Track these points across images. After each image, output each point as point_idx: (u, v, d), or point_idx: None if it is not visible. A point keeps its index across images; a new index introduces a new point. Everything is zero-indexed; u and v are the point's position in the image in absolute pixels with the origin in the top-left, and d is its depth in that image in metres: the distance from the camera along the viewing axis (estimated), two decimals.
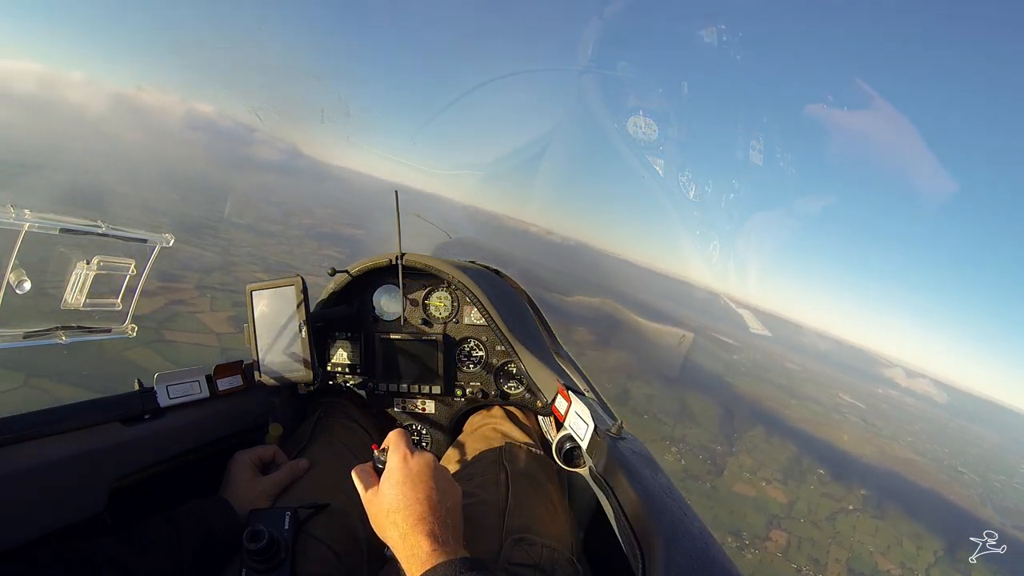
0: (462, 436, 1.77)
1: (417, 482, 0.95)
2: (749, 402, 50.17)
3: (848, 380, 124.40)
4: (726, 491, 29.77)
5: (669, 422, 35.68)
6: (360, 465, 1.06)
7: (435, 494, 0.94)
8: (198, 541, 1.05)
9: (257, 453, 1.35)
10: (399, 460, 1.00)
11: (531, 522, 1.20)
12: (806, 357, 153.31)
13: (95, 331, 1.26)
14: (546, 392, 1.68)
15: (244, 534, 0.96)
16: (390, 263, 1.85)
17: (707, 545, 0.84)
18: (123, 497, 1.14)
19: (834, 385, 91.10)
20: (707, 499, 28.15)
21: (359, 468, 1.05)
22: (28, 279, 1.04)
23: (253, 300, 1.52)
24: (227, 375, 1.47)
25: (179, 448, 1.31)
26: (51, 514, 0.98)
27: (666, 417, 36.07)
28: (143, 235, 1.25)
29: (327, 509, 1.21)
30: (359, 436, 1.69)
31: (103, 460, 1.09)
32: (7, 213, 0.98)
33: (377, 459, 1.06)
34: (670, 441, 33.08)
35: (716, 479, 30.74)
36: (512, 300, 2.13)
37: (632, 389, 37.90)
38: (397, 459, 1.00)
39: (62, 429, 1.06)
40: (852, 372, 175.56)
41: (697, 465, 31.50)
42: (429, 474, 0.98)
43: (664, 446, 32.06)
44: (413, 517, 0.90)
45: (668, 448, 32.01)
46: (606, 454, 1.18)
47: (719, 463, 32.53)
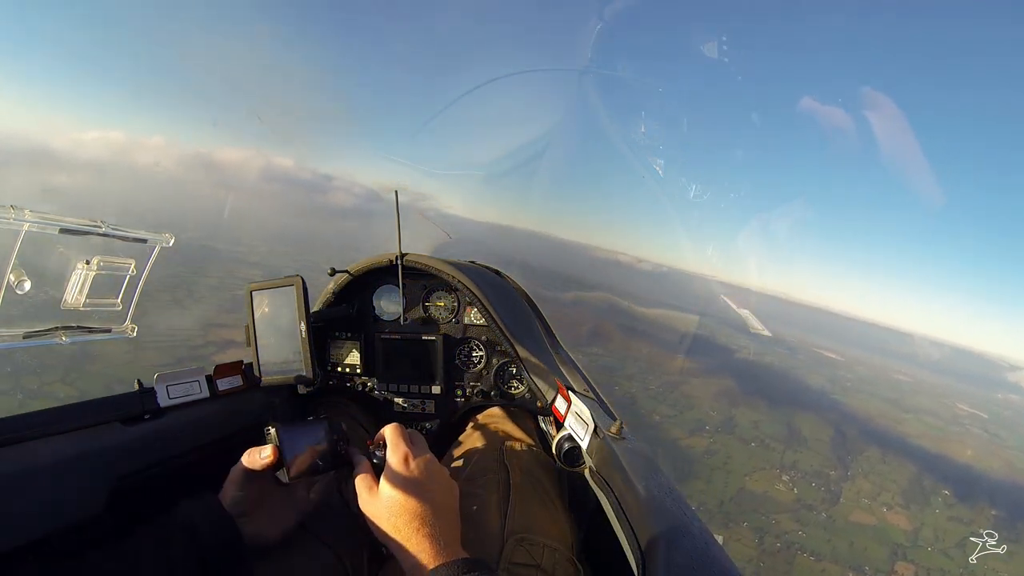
0: (462, 436, 1.77)
1: (418, 484, 0.95)
2: (860, 420, 47.73)
3: (965, 388, 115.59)
4: (843, 521, 27.55)
5: (778, 448, 33.81)
6: (360, 473, 1.04)
7: (436, 496, 0.94)
8: (185, 547, 1.03)
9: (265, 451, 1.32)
10: (399, 461, 0.98)
11: (532, 522, 1.20)
12: (916, 367, 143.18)
13: (95, 331, 1.26)
14: (546, 392, 1.68)
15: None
16: (390, 263, 1.85)
17: (707, 545, 0.84)
18: (123, 497, 1.14)
19: (950, 395, 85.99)
20: (823, 531, 25.80)
21: (361, 476, 1.04)
22: (28, 279, 1.04)
23: (253, 300, 1.52)
24: (227, 375, 1.47)
25: (179, 448, 1.30)
26: (51, 514, 0.98)
27: (775, 443, 34.19)
28: (143, 235, 1.25)
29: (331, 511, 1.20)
30: (362, 436, 1.69)
31: (103, 460, 1.09)
32: (7, 213, 0.98)
33: (372, 454, 1.05)
34: (780, 469, 31.08)
35: (832, 508, 28.51)
36: (512, 300, 2.13)
37: (737, 416, 36.07)
38: (397, 460, 0.99)
39: (62, 429, 1.06)
40: (969, 379, 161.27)
41: (811, 493, 29.35)
42: (429, 475, 0.97)
43: (774, 475, 30.15)
44: (416, 520, 0.90)
45: (779, 477, 30.07)
46: (606, 454, 1.18)
47: (834, 490, 30.42)
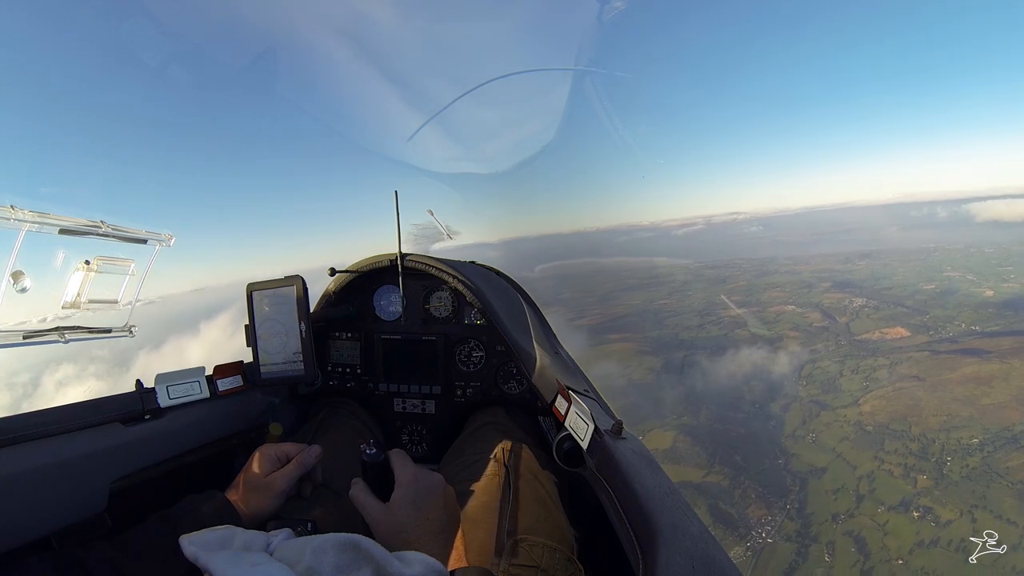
0: (462, 436, 1.77)
1: (428, 501, 1.00)
2: None
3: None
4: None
5: None
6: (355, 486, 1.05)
7: (443, 514, 1.00)
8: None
9: (284, 449, 1.28)
10: (411, 478, 1.02)
11: (532, 522, 1.20)
12: None
13: (95, 331, 1.26)
14: (546, 392, 1.68)
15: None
16: (390, 263, 1.85)
17: (707, 545, 0.84)
18: (123, 497, 1.14)
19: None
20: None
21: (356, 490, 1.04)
22: (28, 279, 1.04)
23: (253, 300, 1.52)
24: (227, 375, 1.47)
25: (179, 448, 1.30)
26: (51, 515, 0.98)
27: None
28: (143, 235, 1.25)
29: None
30: (364, 436, 1.69)
31: (103, 460, 1.09)
32: (7, 213, 0.98)
33: (363, 451, 1.05)
34: None
35: None
36: (512, 300, 2.13)
37: None
38: (409, 477, 1.03)
39: (62, 429, 1.06)
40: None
41: None
42: (440, 493, 1.03)
43: None
44: (426, 535, 0.95)
45: None
46: (606, 454, 1.18)
47: None
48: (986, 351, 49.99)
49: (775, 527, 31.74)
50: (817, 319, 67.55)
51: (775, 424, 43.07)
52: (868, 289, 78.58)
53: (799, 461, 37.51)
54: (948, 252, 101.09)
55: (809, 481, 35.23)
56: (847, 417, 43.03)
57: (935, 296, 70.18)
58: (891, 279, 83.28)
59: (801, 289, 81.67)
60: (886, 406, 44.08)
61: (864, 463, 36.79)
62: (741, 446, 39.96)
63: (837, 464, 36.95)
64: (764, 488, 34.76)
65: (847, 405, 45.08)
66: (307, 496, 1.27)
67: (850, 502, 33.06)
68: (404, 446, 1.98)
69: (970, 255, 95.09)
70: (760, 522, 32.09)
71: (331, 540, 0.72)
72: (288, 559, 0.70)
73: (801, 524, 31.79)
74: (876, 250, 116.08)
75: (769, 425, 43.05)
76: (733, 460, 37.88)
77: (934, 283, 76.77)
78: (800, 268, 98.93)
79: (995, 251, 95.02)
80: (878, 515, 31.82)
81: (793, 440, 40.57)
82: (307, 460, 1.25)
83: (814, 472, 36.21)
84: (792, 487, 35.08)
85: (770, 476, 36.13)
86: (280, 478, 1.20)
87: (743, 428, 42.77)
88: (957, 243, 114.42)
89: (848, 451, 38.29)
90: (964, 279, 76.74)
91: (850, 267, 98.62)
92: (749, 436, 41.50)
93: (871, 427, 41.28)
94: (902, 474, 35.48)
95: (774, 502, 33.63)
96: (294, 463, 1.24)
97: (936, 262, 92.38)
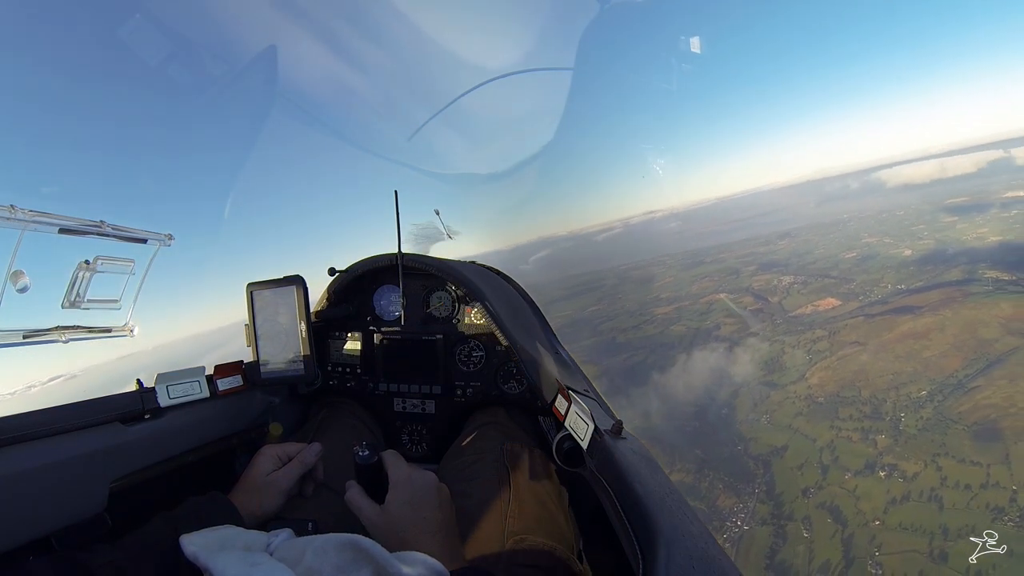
0: (462, 436, 1.77)
1: (423, 501, 1.01)
2: None
3: None
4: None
5: None
6: (350, 490, 1.05)
7: (439, 513, 1.01)
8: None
9: (286, 449, 1.29)
10: (405, 478, 1.03)
11: (532, 522, 1.20)
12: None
13: (95, 331, 1.26)
14: (546, 392, 1.68)
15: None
16: (390, 263, 1.85)
17: (707, 545, 0.84)
18: (123, 497, 1.14)
19: None
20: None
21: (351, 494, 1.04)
22: (28, 279, 1.04)
23: (253, 300, 1.52)
24: (227, 375, 1.47)
25: (179, 448, 1.30)
26: (52, 514, 0.98)
27: None
28: (143, 235, 1.25)
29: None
30: (363, 436, 1.68)
31: (103, 460, 1.09)
32: (7, 213, 0.98)
33: (356, 453, 1.05)
34: None
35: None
36: (512, 300, 2.12)
37: None
38: (403, 477, 1.03)
39: (62, 429, 1.06)
40: None
41: None
42: (435, 492, 1.04)
43: None
44: (423, 535, 0.95)
45: None
46: (606, 454, 1.18)
47: None
48: (917, 307, 50.85)
49: (748, 513, 31.79)
50: (750, 302, 68.13)
51: (727, 412, 43.26)
52: (794, 266, 79.64)
53: (758, 444, 37.58)
54: (863, 220, 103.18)
55: (772, 462, 35.38)
56: (797, 393, 43.26)
57: (858, 263, 71.32)
58: (813, 253, 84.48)
59: (729, 276, 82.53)
60: (833, 376, 44.34)
61: (822, 434, 36.96)
62: (699, 440, 39.88)
63: (796, 440, 37.06)
64: (730, 477, 34.81)
65: (795, 381, 45.28)
66: (309, 495, 1.27)
67: (816, 475, 33.23)
68: (404, 446, 1.98)
69: (884, 220, 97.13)
70: (732, 511, 32.13)
71: (332, 540, 0.72)
72: (288, 559, 0.71)
73: (773, 505, 31.84)
74: (795, 228, 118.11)
75: (722, 414, 43.22)
76: (693, 455, 37.82)
77: (855, 251, 78.06)
78: (725, 256, 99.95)
79: (907, 213, 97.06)
80: (846, 482, 32.07)
81: (748, 425, 40.72)
82: (308, 458, 1.25)
83: (775, 452, 36.33)
84: (757, 471, 35.15)
85: (733, 464, 36.18)
86: (282, 477, 1.20)
87: (697, 422, 42.87)
88: (870, 210, 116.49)
89: (804, 425, 38.46)
90: (882, 243, 77.96)
91: (772, 248, 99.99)
92: (704, 429, 41.57)
93: (822, 398, 41.54)
94: (861, 438, 35.76)
95: (742, 489, 33.68)
96: (295, 461, 1.24)
97: (853, 231, 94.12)
